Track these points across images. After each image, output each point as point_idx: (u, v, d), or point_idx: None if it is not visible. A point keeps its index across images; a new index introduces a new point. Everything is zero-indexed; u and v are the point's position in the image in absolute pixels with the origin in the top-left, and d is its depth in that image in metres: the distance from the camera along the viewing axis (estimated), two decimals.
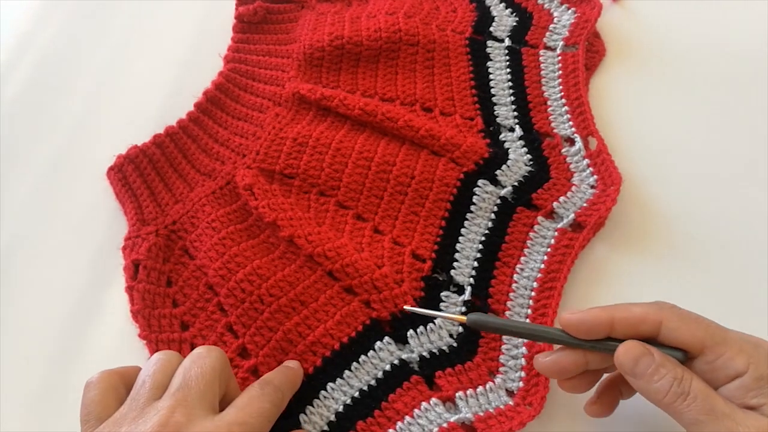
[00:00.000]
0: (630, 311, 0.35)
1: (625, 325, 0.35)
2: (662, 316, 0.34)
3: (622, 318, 0.35)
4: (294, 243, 0.47)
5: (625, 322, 0.35)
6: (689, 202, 0.49)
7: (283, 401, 0.39)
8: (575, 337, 0.36)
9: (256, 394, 0.37)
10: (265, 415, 0.37)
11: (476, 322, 0.38)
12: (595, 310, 0.36)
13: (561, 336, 0.37)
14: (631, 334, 0.35)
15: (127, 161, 0.52)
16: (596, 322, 0.35)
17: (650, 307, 0.35)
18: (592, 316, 0.36)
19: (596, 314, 0.35)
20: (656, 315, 0.34)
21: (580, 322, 0.36)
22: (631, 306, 0.35)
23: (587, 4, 0.57)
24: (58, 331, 0.49)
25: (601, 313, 0.35)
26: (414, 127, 0.50)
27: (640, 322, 0.35)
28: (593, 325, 0.35)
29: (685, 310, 0.35)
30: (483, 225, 0.48)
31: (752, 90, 0.53)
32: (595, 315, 0.35)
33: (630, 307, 0.35)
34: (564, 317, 0.36)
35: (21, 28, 0.65)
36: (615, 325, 0.35)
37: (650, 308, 0.35)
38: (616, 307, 0.36)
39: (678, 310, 0.35)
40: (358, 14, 0.59)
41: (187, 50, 0.61)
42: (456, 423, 0.40)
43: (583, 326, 0.36)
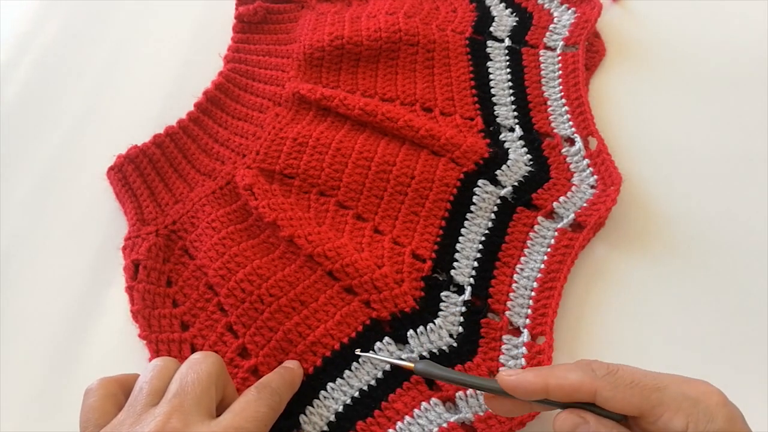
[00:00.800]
0: (564, 379, 0.35)
1: (561, 392, 0.35)
2: (596, 386, 0.34)
3: (556, 385, 0.35)
4: (294, 243, 0.47)
5: (560, 390, 0.35)
6: (689, 202, 0.49)
7: (281, 404, 0.39)
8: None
9: (253, 398, 0.37)
10: (261, 419, 0.37)
11: (423, 371, 0.39)
12: (530, 375, 0.35)
13: (501, 390, 0.37)
14: (566, 400, 0.35)
15: (127, 161, 0.52)
16: (531, 388, 0.35)
17: (585, 375, 0.34)
18: (527, 381, 0.35)
19: (531, 380, 0.35)
20: (590, 385, 0.34)
21: (516, 385, 0.35)
22: (567, 372, 0.35)
23: (587, 4, 0.57)
24: (58, 331, 0.49)
25: (535, 379, 0.35)
26: (414, 127, 0.50)
27: (575, 390, 0.34)
28: (528, 390, 0.35)
29: (620, 374, 0.34)
30: (483, 225, 0.48)
31: (752, 90, 0.53)
32: (529, 381, 0.35)
33: (565, 374, 0.35)
34: (500, 378, 0.36)
35: (21, 28, 0.65)
36: (550, 391, 0.35)
37: (585, 377, 0.34)
38: (551, 373, 0.35)
39: (612, 378, 0.34)
40: (358, 14, 0.59)
41: (187, 50, 0.61)
42: (456, 423, 0.40)
43: (520, 389, 0.35)
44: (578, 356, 0.43)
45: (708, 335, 0.44)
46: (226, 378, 0.39)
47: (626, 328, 0.45)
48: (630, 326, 0.45)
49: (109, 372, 0.46)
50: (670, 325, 0.44)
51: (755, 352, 0.43)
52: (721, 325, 0.44)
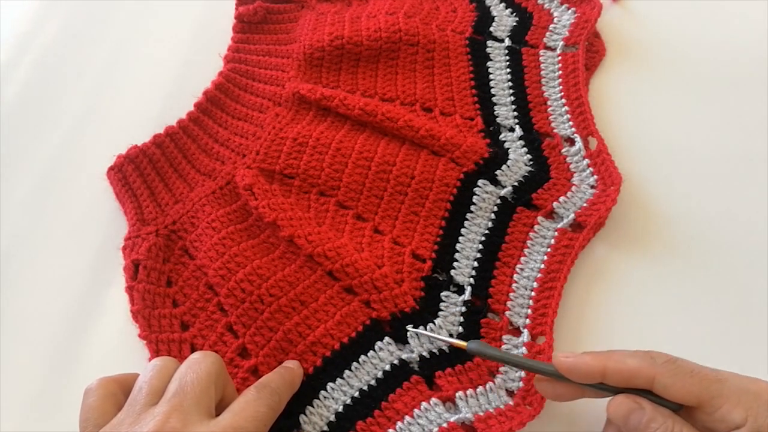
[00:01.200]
0: (623, 363, 0.35)
1: (618, 377, 0.35)
2: (655, 372, 0.34)
3: (614, 369, 0.35)
4: (294, 243, 0.47)
5: (617, 374, 0.35)
6: (689, 202, 0.49)
7: (280, 404, 0.39)
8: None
9: (252, 398, 0.37)
10: (260, 418, 0.36)
11: (476, 350, 0.39)
12: (588, 357, 0.36)
13: (555, 372, 0.37)
14: (623, 386, 0.35)
15: (127, 161, 0.52)
16: (588, 371, 0.35)
17: (643, 361, 0.34)
18: (584, 363, 0.35)
19: (588, 362, 0.35)
20: (649, 370, 0.34)
21: (572, 367, 0.36)
22: (625, 357, 0.35)
23: (587, 4, 0.57)
24: (58, 331, 0.48)
25: (593, 361, 0.35)
26: (414, 127, 0.50)
27: (633, 376, 0.34)
28: (585, 372, 0.35)
29: (680, 363, 0.34)
30: (483, 225, 0.48)
31: (752, 90, 0.53)
32: (587, 363, 0.35)
33: (623, 359, 0.35)
34: (557, 360, 0.36)
35: (21, 28, 0.65)
36: (607, 375, 0.35)
37: (643, 362, 0.34)
38: (609, 357, 0.35)
39: (672, 365, 0.34)
40: (358, 14, 0.59)
41: (187, 50, 0.61)
42: (456, 423, 0.40)
43: (576, 372, 0.36)
44: None
45: (708, 335, 0.44)
46: (225, 377, 0.39)
47: (626, 328, 0.45)
48: (630, 326, 0.45)
49: (109, 372, 0.46)
50: (670, 325, 0.44)
51: (755, 352, 0.43)
52: (721, 325, 0.44)
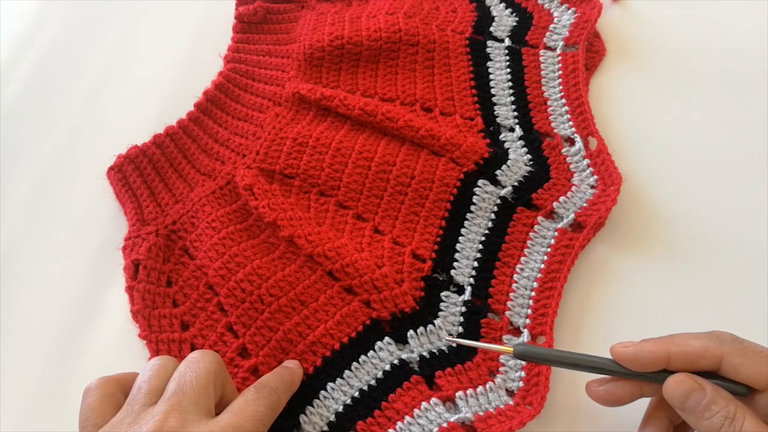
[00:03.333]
0: (688, 345, 0.33)
1: (683, 360, 0.33)
2: (723, 351, 0.33)
3: (679, 353, 0.33)
4: (294, 243, 0.47)
5: (682, 357, 0.33)
6: (689, 202, 0.49)
7: (280, 404, 0.39)
8: (628, 369, 0.35)
9: (252, 398, 0.37)
10: (259, 418, 0.36)
11: (524, 353, 0.37)
12: (649, 343, 0.34)
13: (612, 366, 0.35)
14: (689, 369, 0.34)
15: (127, 161, 0.52)
16: (651, 358, 0.34)
17: (709, 341, 0.33)
18: (646, 350, 0.34)
19: (651, 349, 0.34)
20: (716, 350, 0.33)
21: (635, 356, 0.34)
22: (689, 338, 0.34)
23: (587, 4, 0.57)
24: (58, 331, 0.48)
25: (655, 347, 0.34)
26: (414, 127, 0.50)
27: (699, 357, 0.33)
28: (648, 360, 0.34)
29: (747, 343, 0.33)
30: (483, 225, 0.48)
31: (752, 90, 0.53)
32: (649, 350, 0.34)
33: (687, 340, 0.34)
34: (616, 350, 0.35)
35: (21, 28, 0.65)
36: (671, 360, 0.34)
37: (710, 342, 0.33)
38: (672, 340, 0.34)
39: (740, 344, 0.33)
40: (358, 14, 0.59)
41: (187, 50, 0.61)
42: (456, 423, 0.40)
43: (638, 361, 0.34)
44: None
45: None
46: (225, 376, 0.39)
47: (626, 328, 0.45)
48: (630, 326, 0.45)
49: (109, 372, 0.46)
50: (670, 325, 0.44)
51: None
52: (721, 325, 0.44)
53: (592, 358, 0.36)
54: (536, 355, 0.37)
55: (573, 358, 0.37)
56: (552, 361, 0.38)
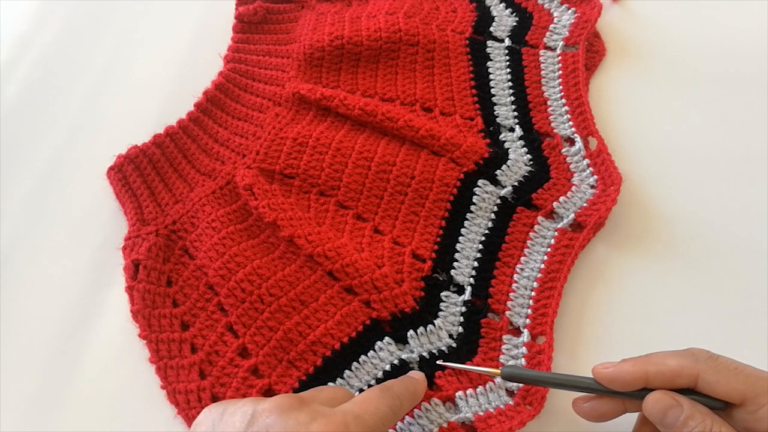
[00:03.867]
0: (664, 365, 0.34)
1: (661, 379, 0.34)
2: (698, 369, 0.34)
3: (656, 372, 0.34)
4: (294, 243, 0.47)
5: (660, 377, 0.34)
6: (689, 202, 0.49)
7: (402, 410, 0.38)
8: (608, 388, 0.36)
9: (375, 396, 0.37)
10: (380, 416, 0.35)
11: (511, 375, 0.39)
12: (628, 364, 0.35)
13: (595, 385, 0.37)
14: (667, 387, 0.35)
15: (127, 161, 0.52)
16: (630, 378, 0.35)
17: (685, 360, 0.34)
18: (625, 371, 0.35)
19: (629, 370, 0.35)
20: (692, 368, 0.34)
21: (615, 376, 0.35)
22: (665, 358, 0.35)
23: (587, 4, 0.57)
24: (58, 331, 0.48)
25: (633, 368, 0.35)
26: (414, 127, 0.50)
27: (676, 376, 0.34)
28: (627, 380, 0.35)
29: (722, 360, 0.34)
30: (483, 225, 0.48)
31: (752, 90, 0.53)
32: (628, 371, 0.35)
33: (664, 360, 0.35)
34: (597, 371, 0.36)
35: (21, 28, 0.65)
36: (650, 379, 0.35)
37: (685, 361, 0.34)
38: (649, 360, 0.35)
39: (714, 361, 0.34)
40: (358, 14, 0.59)
41: (187, 50, 0.61)
42: (456, 423, 0.40)
43: (618, 381, 0.35)
44: (579, 356, 0.43)
45: (708, 335, 0.44)
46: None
47: (626, 327, 0.45)
48: (630, 326, 0.45)
49: (108, 372, 0.46)
50: (670, 324, 0.44)
51: (755, 352, 0.43)
52: (721, 325, 0.44)
53: (576, 378, 0.38)
54: (523, 377, 0.39)
55: (558, 378, 0.38)
56: (538, 382, 0.39)
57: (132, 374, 0.46)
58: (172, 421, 0.44)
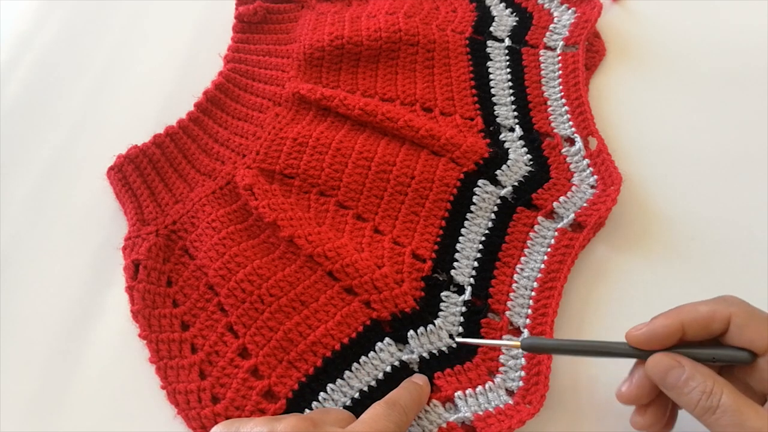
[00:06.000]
0: (697, 312, 0.34)
1: (696, 326, 0.34)
2: (731, 312, 0.34)
3: (691, 320, 0.34)
4: (294, 243, 0.47)
5: (695, 324, 0.34)
6: (689, 202, 0.49)
7: (407, 423, 0.38)
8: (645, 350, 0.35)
9: (383, 413, 0.37)
10: None
11: (532, 345, 0.38)
12: (660, 319, 0.35)
13: (629, 350, 0.36)
14: (702, 335, 0.34)
15: (127, 161, 0.52)
16: (666, 332, 0.34)
17: (717, 305, 0.34)
18: (660, 326, 0.35)
19: (664, 323, 0.35)
20: (724, 311, 0.34)
21: (651, 335, 0.35)
22: (697, 305, 0.35)
23: (587, 4, 0.57)
24: (58, 330, 0.48)
25: (667, 321, 0.35)
26: (414, 127, 0.50)
27: (710, 320, 0.34)
28: (664, 335, 0.35)
29: (753, 307, 0.34)
30: (483, 225, 0.48)
31: (752, 89, 0.53)
32: (663, 324, 0.35)
33: (696, 308, 0.35)
34: (632, 334, 0.36)
35: (21, 28, 0.65)
36: (686, 329, 0.34)
37: (717, 305, 0.34)
38: (681, 310, 0.35)
39: (746, 306, 0.34)
40: (358, 14, 0.59)
41: (187, 50, 0.61)
42: (455, 423, 0.40)
43: (654, 339, 0.35)
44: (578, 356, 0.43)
45: None
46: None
47: (626, 328, 0.44)
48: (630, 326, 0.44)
49: (109, 372, 0.46)
50: None
51: None
52: None
53: (608, 345, 0.36)
54: (545, 346, 0.38)
55: (585, 345, 0.37)
56: (563, 350, 0.38)
57: (132, 374, 0.46)
58: (172, 421, 0.44)
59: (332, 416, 0.38)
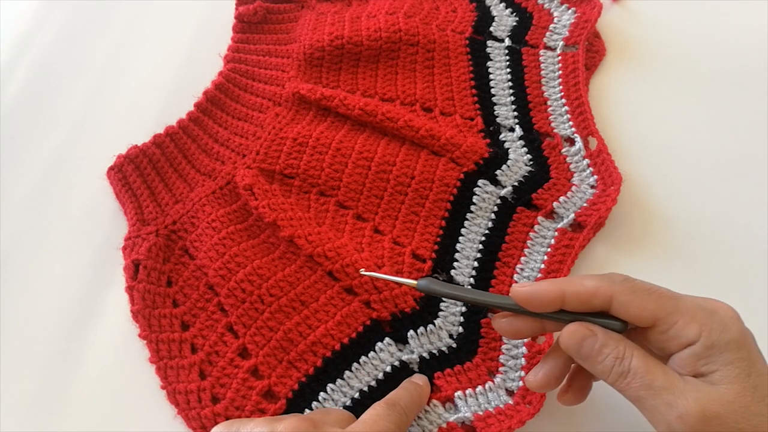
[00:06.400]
0: (581, 285, 0.34)
1: (577, 300, 0.34)
2: (613, 290, 0.34)
3: (573, 292, 0.34)
4: (294, 243, 0.47)
5: (576, 297, 0.34)
6: (689, 202, 0.49)
7: (407, 424, 0.39)
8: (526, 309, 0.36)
9: (384, 414, 0.37)
10: None
11: (426, 288, 0.38)
12: (545, 283, 0.35)
13: (512, 305, 0.36)
14: (582, 308, 0.35)
15: (127, 161, 0.52)
16: (547, 297, 0.35)
17: (602, 281, 0.34)
18: (542, 290, 0.35)
19: (546, 288, 0.35)
20: (607, 289, 0.34)
21: (531, 295, 0.35)
22: (584, 279, 0.35)
23: (587, 4, 0.57)
24: (58, 330, 0.48)
25: (551, 286, 0.35)
26: (414, 127, 0.50)
27: (592, 296, 0.34)
28: (545, 300, 0.35)
29: (638, 282, 0.34)
30: (483, 225, 0.48)
31: (752, 89, 0.53)
32: (545, 289, 0.35)
33: (582, 281, 0.35)
34: (514, 289, 0.36)
35: (21, 28, 0.65)
36: (566, 300, 0.34)
37: (602, 282, 0.34)
38: (567, 281, 0.35)
39: (630, 283, 0.34)
40: (358, 14, 0.59)
41: (187, 50, 0.61)
42: (455, 423, 0.40)
43: (534, 300, 0.35)
44: None
45: None
46: None
47: None
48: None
49: (108, 372, 0.46)
50: None
51: None
52: None
53: (492, 296, 0.37)
54: (438, 291, 0.38)
55: (474, 294, 0.38)
56: (453, 296, 0.39)
57: (132, 374, 0.46)
58: (172, 421, 0.44)
59: (332, 416, 0.38)
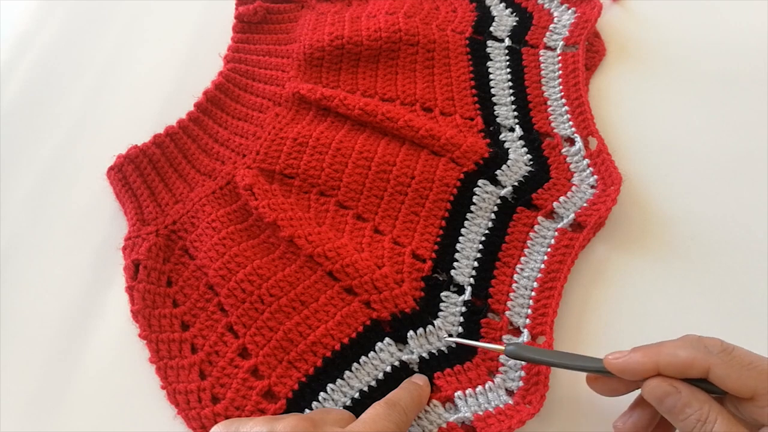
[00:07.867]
0: (676, 356, 0.34)
1: (672, 370, 0.34)
2: (710, 362, 0.33)
3: (667, 363, 0.34)
4: (294, 243, 0.47)
5: (670, 368, 0.34)
6: (689, 202, 0.49)
7: (407, 424, 0.39)
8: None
9: (384, 413, 0.37)
10: None
11: (515, 353, 0.39)
12: (638, 354, 0.35)
13: (604, 370, 0.36)
14: (679, 377, 0.34)
15: (127, 161, 0.52)
16: (640, 369, 0.35)
17: (697, 351, 0.34)
18: (635, 362, 0.35)
19: (639, 361, 0.35)
20: (703, 361, 0.33)
21: (624, 368, 0.35)
22: (677, 348, 0.34)
23: (587, 4, 0.57)
24: (58, 330, 0.49)
25: (644, 358, 0.35)
26: (414, 127, 0.50)
27: (687, 367, 0.34)
28: (637, 371, 0.35)
29: (736, 354, 0.34)
30: (483, 225, 0.48)
31: (752, 89, 0.53)
32: (638, 361, 0.35)
33: (675, 350, 0.34)
34: (608, 361, 0.36)
35: (21, 28, 0.65)
36: (660, 370, 0.34)
37: (697, 353, 0.34)
38: (660, 351, 0.35)
39: (727, 356, 0.33)
40: (358, 14, 0.59)
41: (187, 50, 0.61)
42: (455, 423, 0.40)
43: (627, 372, 0.35)
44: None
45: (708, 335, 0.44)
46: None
47: (626, 328, 0.45)
48: (630, 326, 0.45)
49: (108, 372, 0.46)
50: (670, 325, 0.44)
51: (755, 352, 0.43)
52: (721, 325, 0.44)
53: (584, 359, 0.37)
54: (528, 356, 0.38)
55: (568, 363, 0.38)
56: (543, 361, 0.39)
57: (132, 374, 0.46)
58: (172, 421, 0.44)
59: (332, 416, 0.38)
